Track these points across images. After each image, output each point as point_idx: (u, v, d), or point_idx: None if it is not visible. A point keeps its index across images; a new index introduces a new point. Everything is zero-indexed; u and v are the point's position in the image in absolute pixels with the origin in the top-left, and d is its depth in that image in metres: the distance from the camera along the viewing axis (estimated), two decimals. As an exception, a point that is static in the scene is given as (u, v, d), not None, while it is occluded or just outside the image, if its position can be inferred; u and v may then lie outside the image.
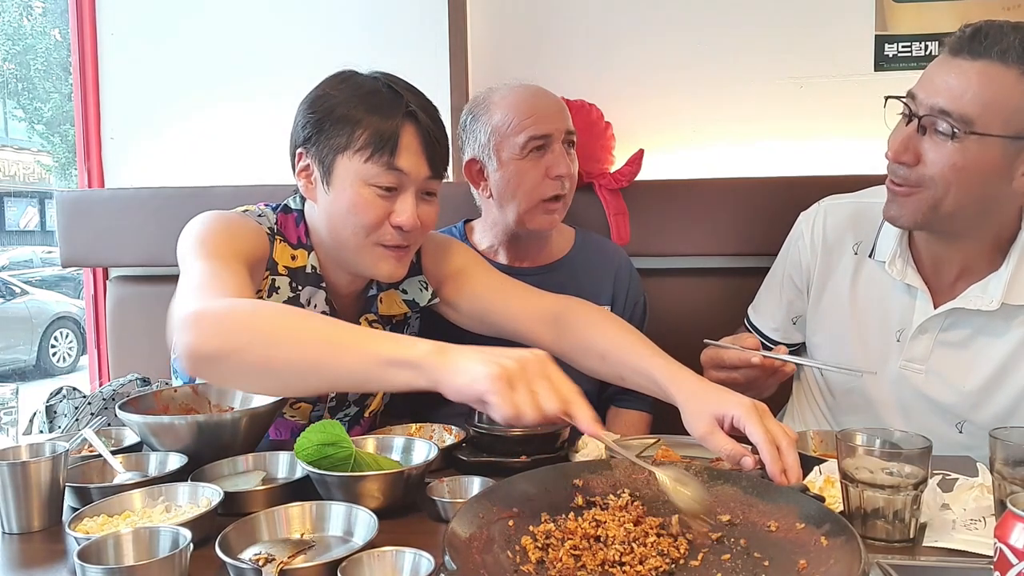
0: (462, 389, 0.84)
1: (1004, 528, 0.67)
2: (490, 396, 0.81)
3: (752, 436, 0.97)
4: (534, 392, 0.82)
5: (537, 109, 1.51)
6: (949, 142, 1.13)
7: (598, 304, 1.59)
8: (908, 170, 1.17)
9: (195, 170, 2.25)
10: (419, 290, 1.40)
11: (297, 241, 1.30)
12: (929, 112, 1.14)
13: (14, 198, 14.18)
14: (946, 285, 1.29)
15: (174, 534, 0.78)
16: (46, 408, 1.49)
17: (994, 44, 1.10)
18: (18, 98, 13.77)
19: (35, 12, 13.13)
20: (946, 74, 1.14)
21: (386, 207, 1.20)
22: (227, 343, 0.94)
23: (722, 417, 1.01)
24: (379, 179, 1.18)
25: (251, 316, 0.97)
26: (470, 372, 0.83)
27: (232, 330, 0.95)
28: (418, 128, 1.20)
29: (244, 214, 1.27)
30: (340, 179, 1.20)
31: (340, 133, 1.19)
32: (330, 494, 0.97)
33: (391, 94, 1.21)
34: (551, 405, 0.82)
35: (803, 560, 0.76)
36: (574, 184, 1.56)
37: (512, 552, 0.79)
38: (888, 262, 1.31)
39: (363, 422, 1.43)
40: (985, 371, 1.27)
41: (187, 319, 0.96)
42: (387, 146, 1.17)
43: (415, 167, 1.20)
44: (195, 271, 1.09)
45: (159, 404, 1.20)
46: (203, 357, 0.96)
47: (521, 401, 0.81)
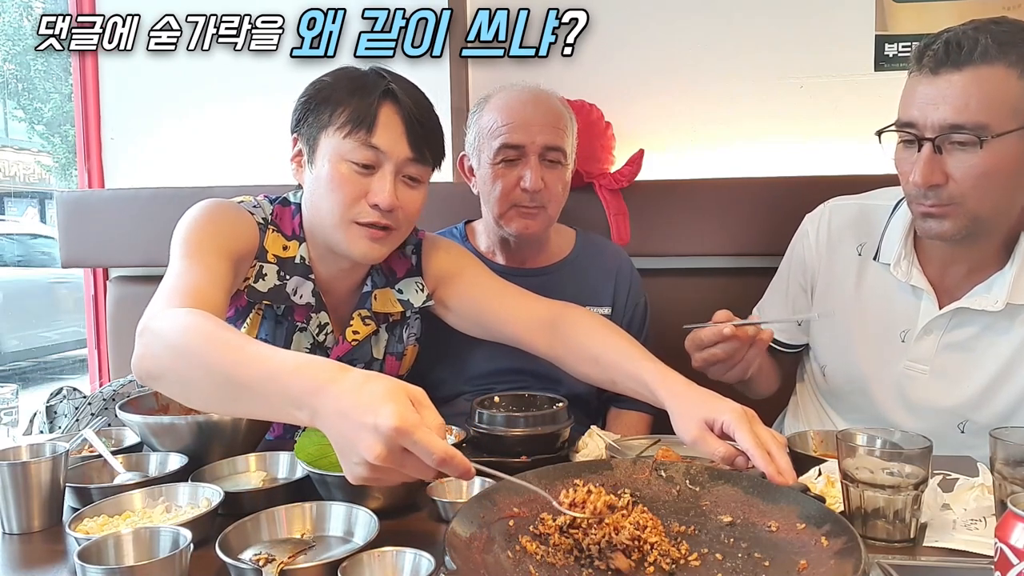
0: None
1: (1005, 528, 0.67)
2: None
3: (742, 443, 0.96)
4: (402, 476, 0.77)
5: (517, 118, 1.48)
6: (974, 152, 1.13)
7: (599, 306, 1.60)
8: (938, 191, 1.16)
9: (195, 170, 2.25)
10: (415, 291, 1.40)
11: (291, 232, 1.32)
12: (940, 131, 1.14)
13: (14, 198, 14.19)
14: (951, 286, 1.29)
15: (174, 534, 0.78)
16: (46, 408, 1.49)
17: (971, 51, 1.12)
18: (18, 98, 13.78)
19: (35, 13, 13.13)
20: (938, 91, 1.14)
21: (363, 184, 1.21)
22: (159, 364, 0.96)
23: (712, 422, 1.01)
24: (356, 155, 1.20)
25: (180, 339, 0.95)
26: (342, 461, 0.79)
27: (163, 354, 0.96)
28: (398, 108, 1.22)
29: (239, 204, 1.30)
30: (321, 156, 1.23)
31: (324, 112, 1.22)
32: (330, 494, 0.97)
33: (375, 76, 1.24)
34: (425, 477, 0.77)
35: (803, 560, 0.76)
36: (556, 199, 1.52)
37: (512, 552, 0.79)
38: (893, 264, 1.31)
39: None
40: (989, 371, 1.27)
41: (138, 332, 0.99)
42: (364, 122, 1.19)
43: (393, 146, 1.21)
44: (172, 271, 1.13)
45: (159, 404, 1.20)
46: (143, 373, 0.99)
47: (386, 484, 0.81)
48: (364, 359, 1.37)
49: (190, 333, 0.94)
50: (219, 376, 0.89)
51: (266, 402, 0.85)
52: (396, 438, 0.72)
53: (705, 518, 0.87)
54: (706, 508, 0.89)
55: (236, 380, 0.87)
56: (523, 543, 0.80)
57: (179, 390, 0.98)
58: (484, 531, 0.80)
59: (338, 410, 0.76)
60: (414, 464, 0.74)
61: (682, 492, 0.91)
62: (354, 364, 1.34)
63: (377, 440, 0.72)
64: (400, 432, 0.72)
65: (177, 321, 0.97)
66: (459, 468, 0.74)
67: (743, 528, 0.85)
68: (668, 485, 0.92)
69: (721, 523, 0.86)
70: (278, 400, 0.82)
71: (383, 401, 0.73)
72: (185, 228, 1.20)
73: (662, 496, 0.90)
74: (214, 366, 0.89)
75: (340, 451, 0.77)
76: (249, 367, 0.86)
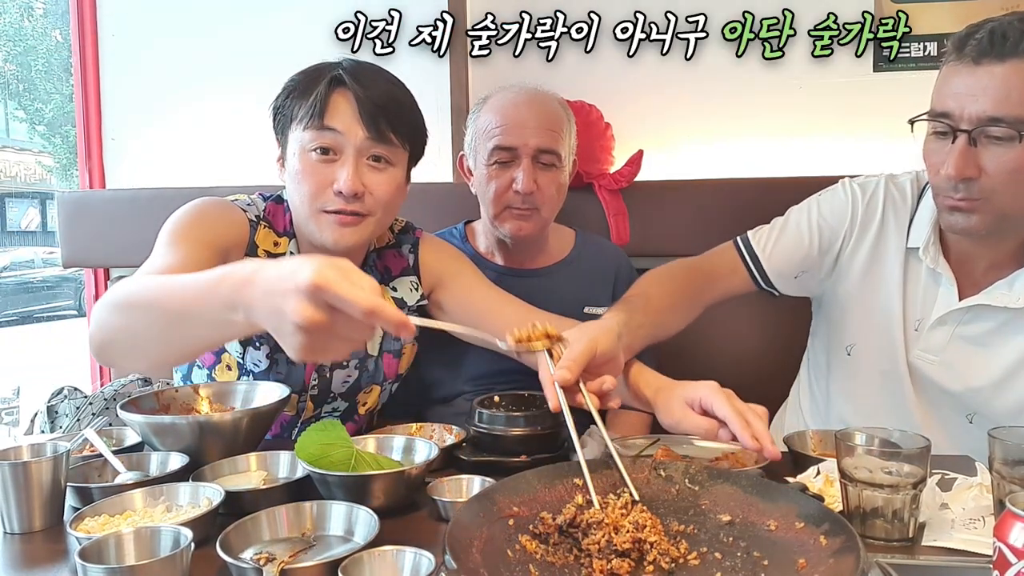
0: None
1: (1003, 527, 0.68)
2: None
3: (720, 412, 1.00)
4: (341, 339, 0.77)
5: (511, 120, 1.48)
6: (1011, 146, 1.11)
7: (598, 306, 1.60)
8: (969, 185, 1.14)
9: (196, 171, 2.25)
10: (409, 290, 1.41)
11: (283, 229, 1.34)
12: (978, 123, 1.11)
13: (15, 199, 14.20)
14: (973, 278, 1.28)
15: (175, 534, 0.79)
16: (47, 408, 1.49)
17: (1017, 42, 1.09)
18: (19, 99, 13.78)
19: (36, 13, 13.14)
20: (978, 82, 1.11)
21: (327, 173, 1.23)
22: (107, 331, 1.01)
23: (692, 400, 1.05)
24: (314, 142, 1.22)
25: (120, 297, 0.99)
26: (280, 341, 0.78)
27: (107, 318, 1.00)
28: (348, 90, 1.23)
29: (231, 201, 1.32)
30: (291, 152, 1.26)
31: (288, 109, 1.26)
32: (331, 494, 0.97)
33: (329, 66, 1.26)
34: (362, 336, 0.78)
35: (802, 559, 0.76)
36: (549, 202, 1.52)
37: (512, 552, 0.79)
38: (922, 248, 1.29)
39: (357, 419, 1.43)
40: (1001, 366, 1.27)
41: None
42: (315, 108, 1.21)
43: (349, 127, 1.22)
44: (151, 257, 1.16)
45: (160, 404, 1.20)
46: (96, 346, 1.03)
47: (332, 355, 0.79)
48: (359, 356, 1.38)
49: (126, 289, 0.99)
50: (157, 313, 0.93)
51: (205, 320, 0.87)
52: (317, 293, 0.72)
53: (704, 517, 0.87)
54: (705, 507, 0.89)
55: (173, 310, 0.90)
56: (523, 542, 0.80)
57: (130, 349, 1.01)
58: (484, 530, 0.80)
59: (265, 291, 0.77)
60: (345, 323, 0.74)
61: (681, 491, 0.91)
62: (349, 362, 1.35)
63: (299, 299, 0.73)
64: (318, 287, 0.72)
65: (116, 288, 1.01)
66: (391, 320, 0.74)
67: (742, 527, 0.85)
68: (667, 484, 0.92)
69: (720, 522, 0.86)
70: (214, 311, 0.84)
71: (302, 265, 0.74)
72: (169, 222, 1.24)
73: (661, 495, 0.90)
74: (152, 306, 0.93)
75: (275, 331, 0.78)
76: (182, 292, 0.89)
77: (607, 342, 1.06)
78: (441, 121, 2.08)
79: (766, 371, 1.66)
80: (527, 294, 1.49)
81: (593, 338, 1.04)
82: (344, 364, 1.36)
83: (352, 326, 0.75)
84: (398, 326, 0.75)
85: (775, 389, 1.59)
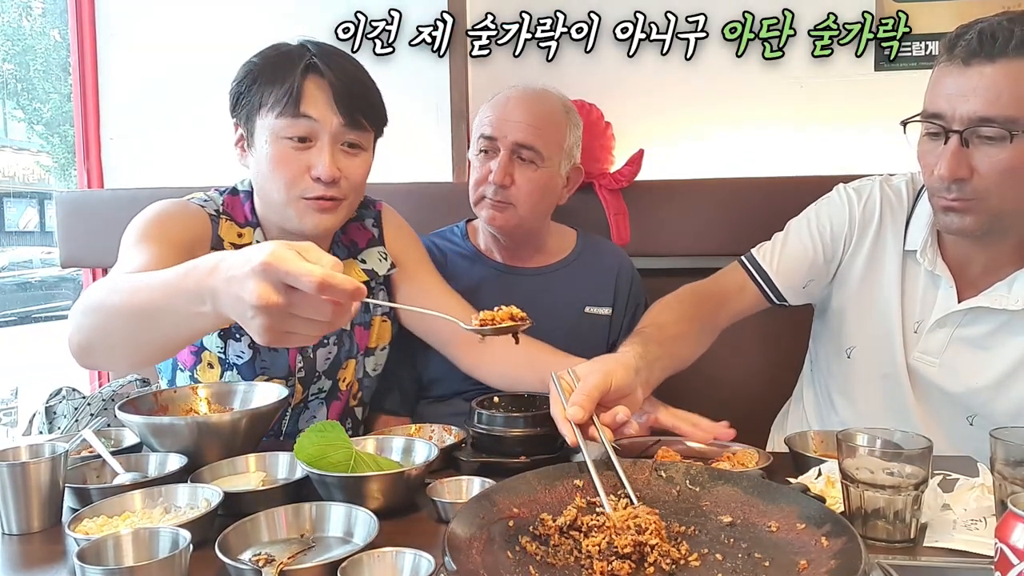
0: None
1: (1005, 528, 0.67)
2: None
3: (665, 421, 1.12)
4: (304, 320, 0.78)
5: (499, 112, 1.51)
6: (1002, 146, 1.11)
7: (599, 306, 1.60)
8: (962, 185, 1.15)
9: (194, 170, 2.24)
10: (378, 260, 1.43)
11: (244, 220, 1.35)
12: (969, 124, 1.12)
13: (13, 199, 14.18)
14: (971, 279, 1.28)
15: (174, 535, 0.78)
16: (45, 409, 1.49)
17: (1006, 42, 1.09)
18: (17, 99, 13.76)
19: (35, 13, 13.12)
20: (969, 83, 1.11)
21: (303, 160, 1.24)
22: (84, 333, 1.01)
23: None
24: (289, 130, 1.23)
25: (93, 300, 1.00)
26: (244, 326, 0.80)
27: (83, 321, 1.01)
28: (322, 78, 1.24)
29: (188, 201, 1.33)
30: (260, 138, 1.26)
31: (255, 95, 1.25)
32: (330, 495, 0.97)
33: (299, 50, 1.26)
34: (324, 316, 0.78)
35: (804, 561, 0.76)
36: (526, 199, 1.49)
37: (512, 552, 0.79)
38: (920, 251, 1.30)
39: (340, 395, 1.43)
40: (1000, 368, 1.27)
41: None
42: (290, 96, 1.22)
43: (324, 114, 1.23)
44: (119, 262, 1.18)
45: (159, 405, 1.19)
46: (75, 349, 1.03)
47: (298, 339, 0.81)
48: (336, 332, 1.39)
49: (98, 292, 1.00)
50: (128, 312, 0.94)
51: (175, 314, 0.89)
52: (269, 273, 0.74)
53: (705, 518, 0.87)
54: (706, 508, 0.89)
55: (143, 307, 0.92)
56: (523, 543, 0.80)
57: (108, 349, 1.01)
58: (484, 531, 0.80)
59: (226, 278, 0.79)
60: (302, 301, 0.76)
61: (682, 492, 0.91)
62: (329, 339, 1.38)
63: (254, 280, 0.75)
64: (270, 266, 0.74)
65: (89, 291, 1.02)
66: (344, 288, 0.75)
67: (743, 528, 0.84)
68: (668, 485, 0.92)
69: (721, 523, 0.86)
70: (183, 304, 0.86)
71: (259, 249, 0.76)
72: (131, 226, 1.26)
73: (662, 496, 0.90)
74: (123, 306, 0.94)
75: (239, 317, 0.79)
76: (150, 289, 0.91)
77: (623, 376, 1.04)
78: (441, 121, 2.08)
79: (768, 374, 1.66)
80: (527, 294, 1.49)
81: (608, 371, 1.03)
82: (324, 342, 1.37)
83: (310, 304, 0.76)
84: (354, 293, 0.76)
85: (777, 392, 1.59)
